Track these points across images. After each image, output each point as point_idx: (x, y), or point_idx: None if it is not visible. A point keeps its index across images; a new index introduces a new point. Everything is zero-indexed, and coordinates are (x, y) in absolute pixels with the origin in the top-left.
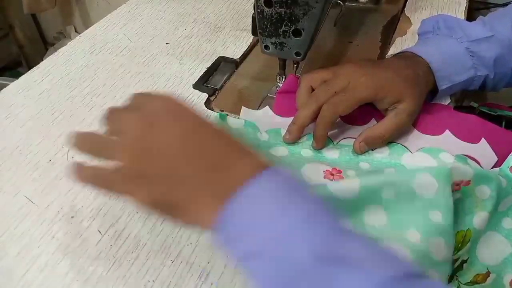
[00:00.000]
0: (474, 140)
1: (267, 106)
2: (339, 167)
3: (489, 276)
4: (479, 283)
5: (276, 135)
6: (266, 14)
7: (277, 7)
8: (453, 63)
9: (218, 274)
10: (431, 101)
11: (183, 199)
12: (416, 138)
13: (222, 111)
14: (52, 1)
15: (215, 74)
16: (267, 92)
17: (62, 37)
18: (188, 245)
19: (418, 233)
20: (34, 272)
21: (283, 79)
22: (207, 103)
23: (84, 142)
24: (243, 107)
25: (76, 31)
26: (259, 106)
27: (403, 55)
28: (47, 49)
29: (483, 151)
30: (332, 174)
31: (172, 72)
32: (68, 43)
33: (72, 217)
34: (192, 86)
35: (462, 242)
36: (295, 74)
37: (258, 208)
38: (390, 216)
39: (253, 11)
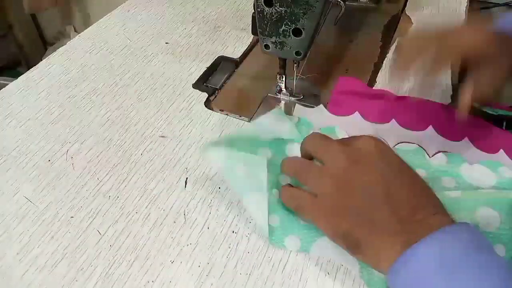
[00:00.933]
0: (493, 151)
1: (321, 105)
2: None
3: None
4: None
5: (331, 133)
6: (266, 13)
7: (277, 6)
8: None
9: (218, 274)
10: None
11: (368, 239)
12: (472, 152)
13: (222, 111)
14: (53, 0)
15: (215, 73)
16: (267, 91)
17: (62, 37)
18: (188, 245)
19: None
20: (34, 272)
21: (283, 79)
22: (207, 103)
23: (290, 166)
24: (297, 105)
25: (75, 30)
26: (259, 106)
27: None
28: (46, 49)
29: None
30: None
31: (172, 71)
32: (67, 43)
33: (71, 217)
34: (191, 85)
35: None
36: (295, 73)
37: (440, 259)
38: None
39: (253, 11)
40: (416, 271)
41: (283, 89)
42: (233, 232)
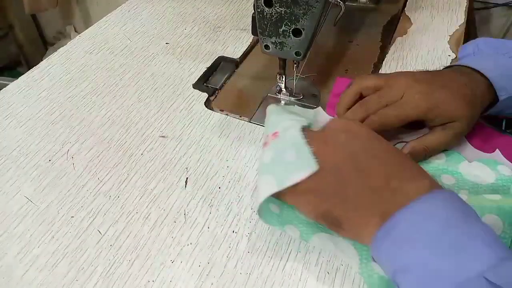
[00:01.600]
0: None
1: (320, 107)
2: None
3: None
4: None
5: None
6: (266, 13)
7: (277, 7)
8: (508, 75)
9: (218, 273)
10: (485, 113)
11: (347, 216)
12: (469, 151)
13: (222, 111)
14: (53, 1)
15: (215, 74)
16: (267, 92)
17: (62, 37)
18: (188, 245)
19: None
20: (34, 272)
21: (283, 79)
22: (207, 103)
23: None
24: (295, 106)
25: (75, 30)
26: (259, 106)
27: (460, 70)
28: (46, 49)
29: None
30: None
31: (172, 71)
32: (68, 43)
33: (72, 217)
34: (192, 85)
35: None
36: (295, 73)
37: (423, 222)
38: None
39: (253, 11)
40: (397, 243)
41: (283, 89)
42: (233, 232)
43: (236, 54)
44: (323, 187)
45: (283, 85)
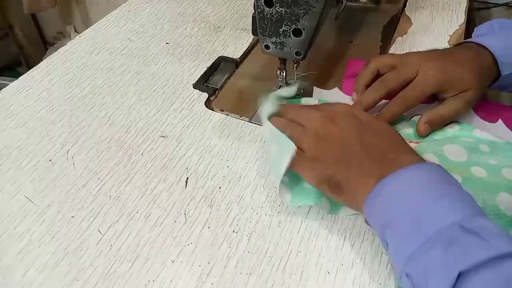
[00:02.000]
0: None
1: (336, 88)
2: (414, 140)
3: None
4: None
5: None
6: (267, 13)
7: (278, 7)
8: None
9: (218, 274)
10: (489, 87)
11: (348, 180)
12: (477, 122)
13: (222, 111)
14: (52, 1)
15: (215, 73)
16: (267, 91)
17: (62, 37)
18: (188, 245)
19: None
20: (34, 272)
21: (284, 74)
22: (207, 103)
23: (277, 123)
24: (314, 87)
25: (76, 31)
26: (259, 106)
27: (467, 46)
28: (46, 49)
29: None
30: (410, 142)
31: (172, 71)
32: (68, 43)
33: (72, 217)
34: (192, 85)
35: None
36: (295, 73)
37: (409, 185)
38: None
39: (253, 11)
40: (384, 202)
41: (283, 86)
42: (233, 232)
43: (236, 54)
44: (329, 156)
45: (283, 82)
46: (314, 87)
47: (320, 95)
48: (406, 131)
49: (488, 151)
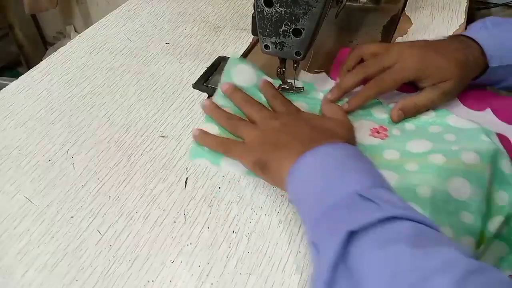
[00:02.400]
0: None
1: (324, 73)
2: (386, 126)
3: None
4: None
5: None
6: (266, 13)
7: (277, 7)
8: (504, 47)
9: (217, 274)
10: (477, 79)
11: (273, 159)
12: (459, 109)
13: None
14: (53, 1)
15: (215, 73)
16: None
17: (62, 37)
18: (187, 245)
19: (451, 230)
20: (34, 272)
21: (283, 74)
22: None
23: (217, 114)
24: (302, 70)
25: (75, 31)
26: None
27: (455, 38)
28: (46, 49)
29: None
30: (378, 132)
31: (172, 71)
32: (67, 43)
33: (71, 217)
34: (192, 85)
35: (478, 244)
36: (295, 73)
37: (322, 161)
38: (425, 213)
39: (253, 11)
40: (301, 178)
41: (284, 85)
42: (233, 232)
43: (236, 54)
44: (264, 143)
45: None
46: (302, 70)
47: (306, 78)
48: (381, 116)
49: (454, 139)
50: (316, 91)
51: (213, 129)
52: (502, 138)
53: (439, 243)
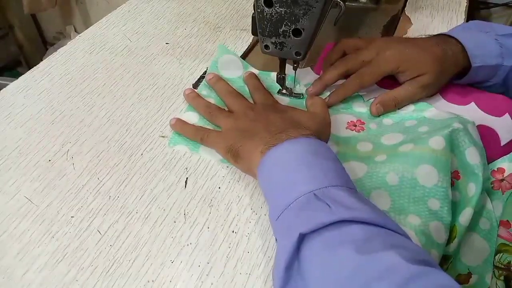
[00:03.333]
0: (498, 114)
1: (309, 67)
2: (364, 119)
3: (471, 277)
4: (461, 284)
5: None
6: (266, 13)
7: (277, 7)
8: (484, 47)
9: (217, 274)
10: (460, 79)
11: (244, 148)
12: (442, 105)
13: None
14: (52, 1)
15: None
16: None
17: (62, 37)
18: (188, 245)
19: (418, 218)
20: (34, 272)
21: (283, 79)
22: None
23: (198, 102)
24: (287, 64)
25: (75, 31)
26: None
27: (436, 36)
28: (46, 49)
29: (504, 124)
30: (355, 125)
31: (172, 71)
32: (67, 43)
33: (72, 217)
34: (192, 85)
35: (451, 237)
36: (295, 73)
37: (286, 154)
38: (393, 201)
39: (253, 11)
40: (267, 170)
41: (283, 90)
42: (233, 232)
43: (236, 54)
44: (237, 131)
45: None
46: (287, 64)
47: (291, 72)
48: (360, 110)
49: (426, 130)
50: (299, 84)
51: (193, 117)
52: (485, 129)
53: (386, 247)
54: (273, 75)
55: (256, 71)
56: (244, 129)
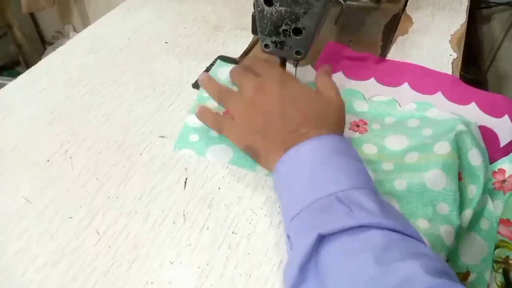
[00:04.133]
0: (497, 115)
1: (310, 65)
2: (366, 119)
3: (469, 275)
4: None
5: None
6: (266, 12)
7: (277, 6)
8: None
9: (217, 275)
10: None
11: (264, 149)
12: (444, 104)
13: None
14: (51, 0)
15: None
16: None
17: (61, 36)
18: (187, 246)
19: (427, 221)
20: (33, 272)
21: None
22: None
23: (210, 86)
24: (287, 63)
25: (74, 30)
26: None
27: None
28: (45, 48)
29: (503, 125)
30: (358, 126)
31: (172, 71)
32: (66, 42)
33: (70, 217)
34: (191, 85)
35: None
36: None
37: (306, 156)
38: (402, 206)
39: (253, 10)
40: (285, 171)
41: None
42: (233, 232)
43: (236, 53)
44: (252, 125)
45: None
46: (287, 63)
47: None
48: (362, 109)
49: (430, 133)
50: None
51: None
52: (485, 130)
53: (405, 256)
54: None
55: None
56: (258, 122)
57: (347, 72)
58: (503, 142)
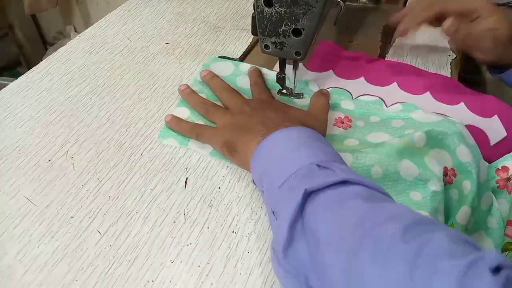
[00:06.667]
0: (487, 115)
1: (301, 64)
2: (351, 117)
3: None
4: None
5: (304, 85)
6: (266, 13)
7: (277, 7)
8: None
9: (217, 274)
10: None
11: (240, 141)
12: (431, 104)
13: None
14: (53, 1)
15: None
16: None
17: (62, 37)
18: (188, 245)
19: None
20: (34, 272)
21: (283, 79)
22: None
23: (194, 101)
24: (287, 63)
25: (75, 31)
26: None
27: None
28: (46, 49)
29: (493, 125)
30: (343, 122)
31: (172, 71)
32: (67, 43)
33: (71, 217)
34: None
35: None
36: (295, 73)
37: (282, 140)
38: None
39: (253, 11)
40: (263, 156)
41: (283, 90)
42: (233, 232)
43: (236, 54)
44: (233, 126)
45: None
46: (287, 63)
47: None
48: (348, 107)
49: (412, 132)
50: (291, 81)
51: (184, 113)
52: (473, 129)
53: (390, 201)
54: (274, 74)
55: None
56: (241, 124)
57: (337, 71)
58: (493, 141)
